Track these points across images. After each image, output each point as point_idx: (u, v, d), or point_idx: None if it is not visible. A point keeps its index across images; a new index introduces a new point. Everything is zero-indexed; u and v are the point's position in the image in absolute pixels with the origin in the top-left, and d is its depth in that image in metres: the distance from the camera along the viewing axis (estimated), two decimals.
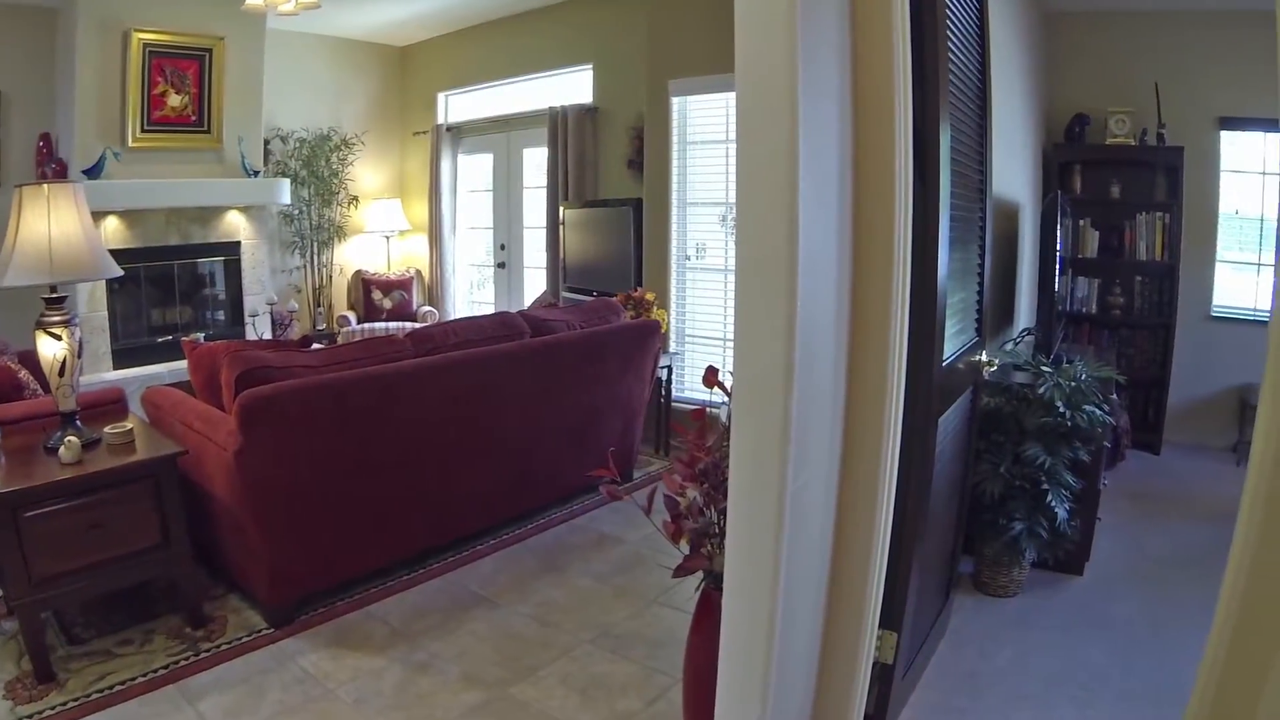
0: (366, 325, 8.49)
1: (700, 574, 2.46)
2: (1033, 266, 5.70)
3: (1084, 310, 6.63)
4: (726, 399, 2.03)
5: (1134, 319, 6.59)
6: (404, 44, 9.45)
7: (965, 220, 2.75)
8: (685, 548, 2.45)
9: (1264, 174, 6.50)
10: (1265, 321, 6.49)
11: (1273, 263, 6.52)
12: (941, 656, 3.36)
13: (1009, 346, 4.37)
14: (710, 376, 2.47)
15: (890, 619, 2.55)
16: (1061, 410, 3.43)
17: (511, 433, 4.37)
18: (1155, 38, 6.45)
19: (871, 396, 2.21)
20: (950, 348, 2.63)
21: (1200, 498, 5.59)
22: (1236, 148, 6.50)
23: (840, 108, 2.03)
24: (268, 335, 7.53)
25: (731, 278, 4.26)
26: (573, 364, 4.64)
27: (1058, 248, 4.29)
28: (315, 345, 5.03)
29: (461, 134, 9.08)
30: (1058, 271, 4.36)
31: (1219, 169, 6.49)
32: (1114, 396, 4.25)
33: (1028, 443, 3.55)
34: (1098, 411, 3.55)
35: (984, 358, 3.10)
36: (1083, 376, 3.61)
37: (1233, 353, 6.60)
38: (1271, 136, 6.40)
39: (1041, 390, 3.45)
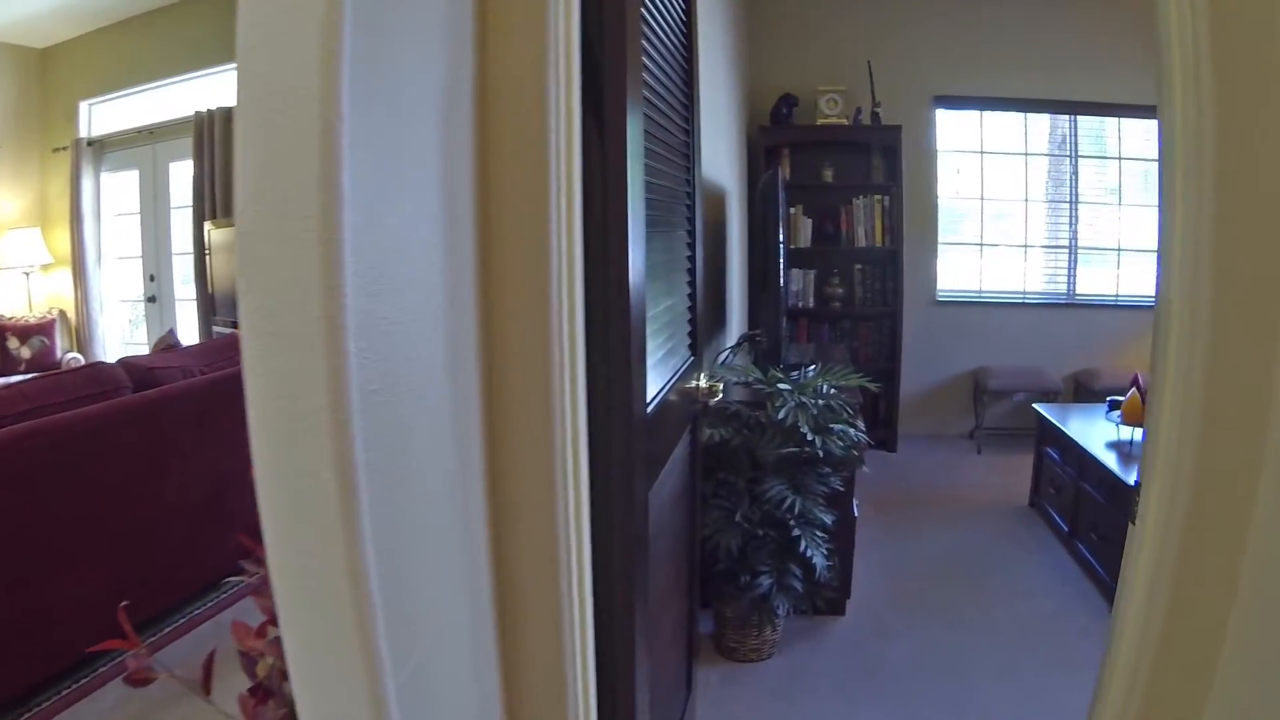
0: (1, 380, 6.90)
1: None
2: (743, 259, 5.14)
3: (800, 304, 6.17)
4: None
5: (857, 310, 6.21)
6: (44, 44, 7.72)
7: (669, 201, 1.98)
8: None
9: (981, 153, 6.35)
10: (992, 303, 6.40)
11: (1151, 247, 6.57)
12: None
13: (725, 357, 3.69)
14: None
15: None
16: (809, 438, 2.73)
17: (119, 520, 3.24)
18: (865, 14, 6.18)
19: (533, 479, 1.37)
20: (657, 379, 1.85)
21: (947, 493, 5.29)
22: (952, 126, 6.37)
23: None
24: None
25: None
26: (191, 421, 3.54)
27: (780, 235, 3.64)
28: None
29: (105, 148, 7.61)
30: (782, 261, 3.70)
31: (936, 148, 6.32)
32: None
33: (767, 479, 2.86)
34: (850, 430, 2.91)
35: (703, 381, 2.35)
36: (827, 389, 2.97)
37: (962, 337, 6.45)
38: (989, 115, 6.33)
39: (782, 415, 2.74)
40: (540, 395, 1.31)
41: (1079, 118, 6.34)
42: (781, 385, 2.84)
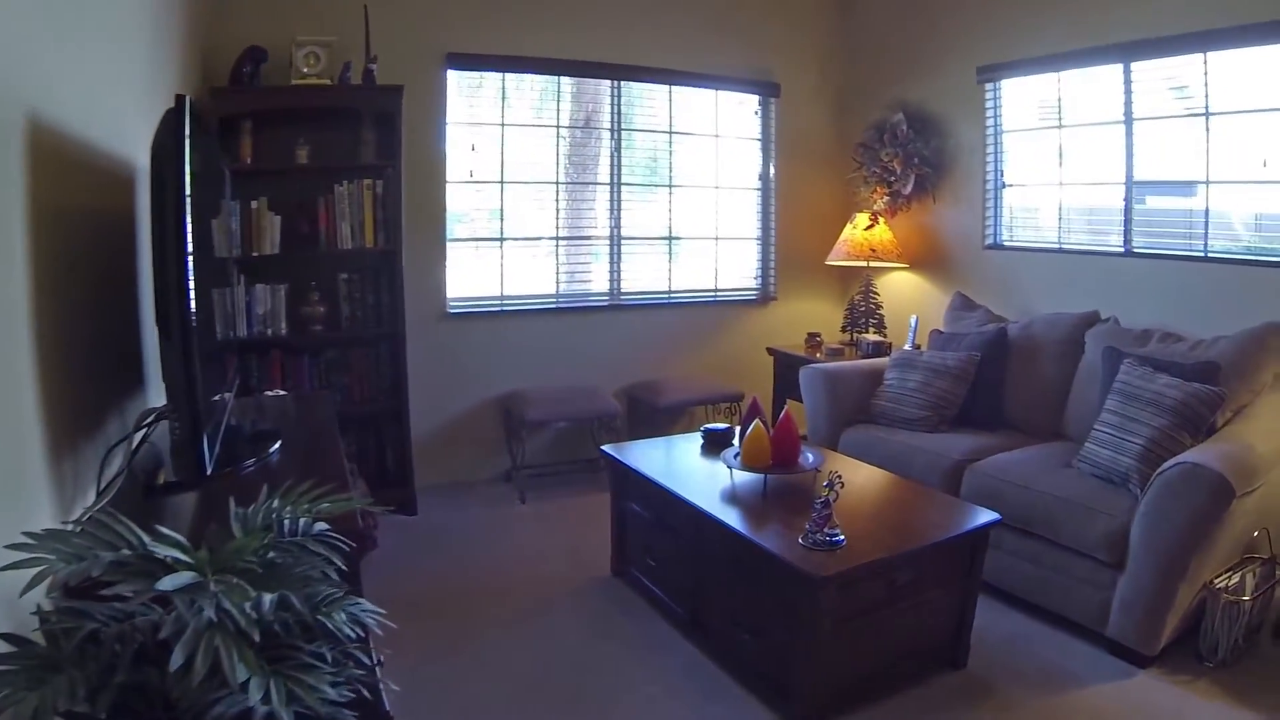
0: None
1: None
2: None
3: (270, 333, 4.49)
4: None
5: (345, 333, 4.67)
6: None
7: None
8: None
9: (503, 125, 5.25)
10: (520, 311, 4.51)
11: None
12: None
13: (115, 470, 1.97)
14: None
15: None
16: (255, 696, 1.16)
17: None
18: None
19: None
20: None
21: (501, 573, 4.01)
22: (468, 92, 5.21)
23: None
24: None
25: None
26: None
27: (184, 220, 1.87)
28: None
29: None
30: (189, 271, 1.92)
31: (447, 119, 5.06)
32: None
33: None
34: (344, 621, 1.39)
35: None
36: (292, 525, 1.45)
37: (484, 356, 5.30)
38: (515, 79, 5.26)
39: (180, 660, 1.10)
40: None
41: (623, 84, 5.45)
42: (175, 580, 1.20)
